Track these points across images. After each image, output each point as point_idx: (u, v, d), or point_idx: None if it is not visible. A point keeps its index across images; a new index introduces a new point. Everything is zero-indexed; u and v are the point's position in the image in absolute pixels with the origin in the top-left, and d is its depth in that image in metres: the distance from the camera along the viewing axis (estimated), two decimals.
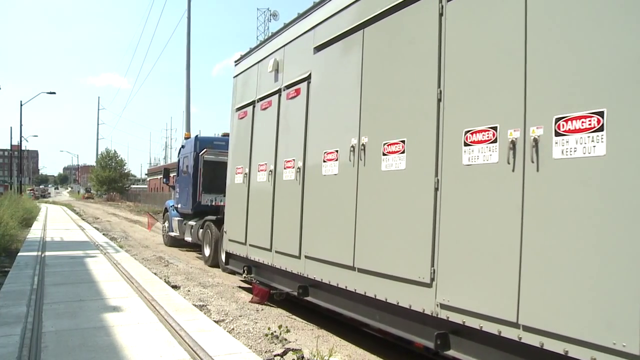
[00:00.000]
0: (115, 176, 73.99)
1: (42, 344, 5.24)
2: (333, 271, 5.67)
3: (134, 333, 5.70)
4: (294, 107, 6.87)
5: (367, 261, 5.09)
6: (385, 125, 4.97)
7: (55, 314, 6.54)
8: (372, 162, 5.08)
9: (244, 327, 6.45)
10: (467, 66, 4.08)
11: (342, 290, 5.52)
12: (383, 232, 4.88)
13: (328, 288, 5.87)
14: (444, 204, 4.20)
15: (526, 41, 3.57)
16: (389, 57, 5.02)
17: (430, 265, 4.28)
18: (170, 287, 8.85)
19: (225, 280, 10.33)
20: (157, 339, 5.53)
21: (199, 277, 10.49)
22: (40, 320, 6.17)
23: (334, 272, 5.64)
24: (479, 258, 3.82)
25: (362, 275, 5.17)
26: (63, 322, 6.12)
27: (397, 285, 4.65)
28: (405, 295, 4.56)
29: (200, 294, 8.61)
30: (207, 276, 10.75)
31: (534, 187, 3.46)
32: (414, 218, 4.50)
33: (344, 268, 5.46)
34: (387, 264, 4.79)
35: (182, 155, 15.63)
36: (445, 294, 4.12)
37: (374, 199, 5.04)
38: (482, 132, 3.86)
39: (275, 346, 5.69)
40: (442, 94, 4.30)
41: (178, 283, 9.59)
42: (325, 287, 5.95)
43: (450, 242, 4.11)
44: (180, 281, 9.86)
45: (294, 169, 6.67)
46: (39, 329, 5.81)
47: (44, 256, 12.32)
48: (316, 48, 6.35)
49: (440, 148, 4.28)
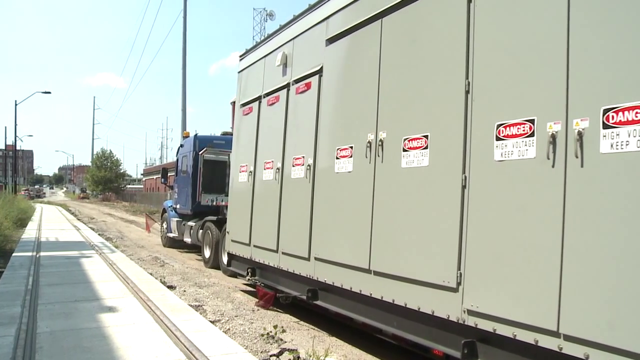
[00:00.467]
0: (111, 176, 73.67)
1: (36, 345, 5.15)
2: (346, 274, 5.37)
3: (129, 333, 5.64)
4: (303, 102, 6.58)
5: (384, 264, 4.80)
6: (406, 120, 4.69)
7: (50, 314, 6.44)
8: (391, 159, 4.79)
9: (240, 327, 6.41)
10: (500, 54, 3.80)
11: (356, 295, 5.23)
12: (403, 233, 4.59)
13: (340, 292, 5.57)
14: (473, 203, 3.92)
15: (569, 24, 3.29)
16: (410, 48, 4.74)
17: (456, 268, 3.99)
18: (166, 287, 8.80)
19: (221, 280, 10.26)
20: (152, 339, 5.48)
21: (195, 278, 10.43)
22: (34, 321, 6.05)
23: (347, 275, 5.35)
24: (513, 261, 3.53)
25: (378, 279, 4.88)
26: (58, 323, 6.02)
27: (419, 289, 4.36)
28: (428, 301, 4.27)
29: (196, 294, 8.57)
30: (203, 276, 10.68)
31: (577, 184, 3.18)
32: (438, 218, 4.22)
33: (358, 271, 5.16)
34: (407, 267, 4.50)
35: (180, 155, 15.30)
36: (474, 300, 3.83)
37: (393, 197, 4.75)
38: (517, 125, 3.58)
39: (271, 346, 5.65)
40: (470, 85, 4.02)
41: (174, 283, 9.54)
42: (336, 291, 5.66)
43: (480, 244, 3.83)
44: (176, 281, 9.81)
45: (303, 167, 6.38)
46: (34, 329, 5.69)
47: (39, 256, 12.14)
48: (329, 40, 6.07)
49: (469, 143, 3.99)
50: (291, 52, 7.08)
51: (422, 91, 4.53)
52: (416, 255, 4.41)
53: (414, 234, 4.45)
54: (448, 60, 4.25)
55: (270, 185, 7.25)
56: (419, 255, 4.37)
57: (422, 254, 4.34)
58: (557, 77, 3.34)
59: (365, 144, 5.14)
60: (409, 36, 4.77)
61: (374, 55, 5.17)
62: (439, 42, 4.40)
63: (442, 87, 4.31)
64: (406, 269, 4.50)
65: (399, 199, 4.66)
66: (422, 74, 4.55)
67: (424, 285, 4.30)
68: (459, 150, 4.05)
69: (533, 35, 3.56)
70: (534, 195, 3.44)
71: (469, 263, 3.91)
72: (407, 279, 4.48)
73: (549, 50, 3.42)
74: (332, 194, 5.74)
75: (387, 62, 5.02)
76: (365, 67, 5.34)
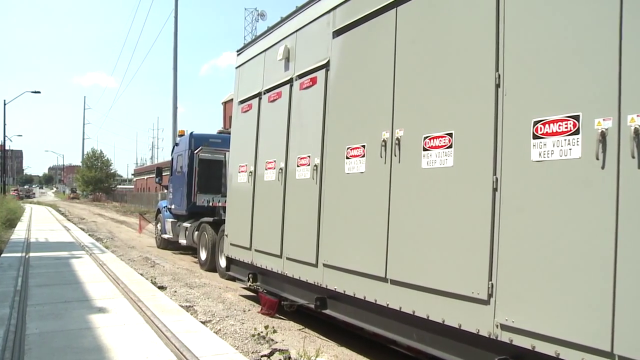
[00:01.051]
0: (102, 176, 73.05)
1: (25, 346, 5.10)
2: (359, 282, 5.01)
3: (120, 334, 5.61)
4: (308, 98, 6.20)
5: (403, 272, 4.44)
6: (426, 117, 4.33)
7: (39, 315, 6.38)
8: (410, 159, 4.43)
9: (231, 327, 6.39)
10: (536, 42, 3.44)
11: (370, 304, 4.87)
12: (425, 239, 4.23)
13: (352, 301, 5.21)
14: (506, 207, 3.56)
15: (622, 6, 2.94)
16: (429, 38, 4.38)
17: (487, 278, 3.64)
18: (157, 287, 8.75)
19: (212, 281, 10.15)
20: (143, 340, 5.45)
21: (186, 278, 10.35)
22: (23, 322, 6.00)
23: (360, 284, 4.99)
24: (556, 271, 3.19)
25: (396, 288, 4.52)
26: (47, 324, 5.97)
27: (443, 301, 4.01)
28: (454, 313, 3.92)
29: (186, 294, 8.53)
30: (193, 277, 10.60)
31: (633, 187, 2.84)
32: (465, 223, 3.86)
33: (373, 279, 4.80)
34: (430, 277, 4.14)
35: (175, 154, 14.84)
36: (508, 313, 3.49)
37: (413, 200, 4.39)
38: (559, 122, 3.23)
39: (262, 347, 5.63)
40: (501, 78, 3.66)
41: (164, 284, 9.47)
42: (347, 300, 5.29)
43: (515, 251, 3.48)
44: (166, 282, 9.73)
45: (309, 167, 6.00)
46: (22, 330, 5.64)
47: (28, 257, 11.99)
48: (336, 32, 5.69)
49: (500, 142, 3.64)
50: (294, 46, 6.70)
51: (445, 85, 4.17)
52: (440, 264, 4.05)
53: (438, 241, 4.09)
54: (474, 50, 3.90)
55: (273, 186, 6.86)
56: (444, 264, 4.02)
57: (447, 263, 3.99)
58: (606, 67, 2.99)
59: (379, 143, 4.77)
60: (427, 25, 4.41)
61: (387, 48, 4.80)
62: (462, 30, 4.04)
63: (467, 81, 3.95)
64: (429, 279, 4.15)
65: (420, 202, 4.30)
66: (444, 66, 4.19)
67: (450, 296, 3.95)
68: (489, 149, 3.70)
69: (576, 19, 3.21)
70: (581, 198, 3.09)
71: (501, 273, 3.56)
72: (430, 289, 4.13)
73: (596, 38, 3.08)
74: (342, 196, 5.37)
75: (403, 54, 4.66)
76: (378, 60, 4.97)
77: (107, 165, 76.20)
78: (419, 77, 4.45)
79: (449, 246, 3.98)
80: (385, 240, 4.64)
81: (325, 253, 5.58)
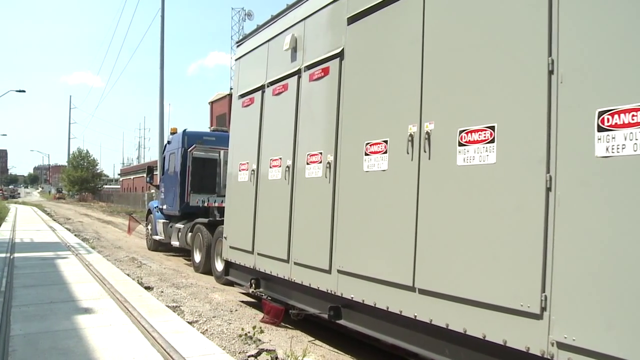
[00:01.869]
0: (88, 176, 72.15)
1: (9, 348, 5.03)
2: (380, 291, 4.56)
3: (106, 335, 5.55)
4: (319, 90, 5.73)
5: (435, 281, 3.99)
6: (462, 108, 3.88)
7: (24, 316, 6.29)
8: (442, 155, 3.98)
9: (218, 327, 6.37)
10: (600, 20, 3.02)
11: (394, 315, 4.42)
12: (461, 245, 3.78)
13: (371, 311, 4.76)
14: (564, 209, 3.13)
15: None
16: (463, 20, 3.94)
17: (540, 289, 3.21)
18: (144, 288, 8.72)
19: (198, 281, 10.07)
20: (130, 340, 5.41)
21: (173, 278, 10.28)
22: (8, 324, 5.91)
23: (382, 292, 4.54)
24: (631, 282, 2.76)
25: (426, 299, 4.07)
26: (32, 325, 5.88)
27: (484, 314, 3.57)
28: (498, 328, 3.48)
29: (173, 295, 8.47)
30: (180, 277, 10.53)
31: None
32: (511, 227, 3.43)
33: (397, 288, 4.36)
34: (467, 287, 3.70)
35: (168, 152, 14.24)
36: (567, 330, 3.05)
37: (446, 201, 3.94)
38: (632, 111, 2.81)
39: (249, 347, 5.60)
40: (555, 63, 3.23)
41: (151, 284, 9.39)
42: (366, 310, 4.84)
43: (575, 260, 3.04)
44: (153, 282, 9.65)
45: (320, 165, 5.54)
46: (7, 332, 5.56)
47: (13, 258, 11.75)
48: (351, 18, 5.23)
49: (554, 135, 3.21)
50: (302, 35, 6.22)
51: (485, 73, 3.73)
52: (480, 273, 3.61)
53: (477, 247, 3.65)
54: (521, 33, 3.47)
55: (278, 185, 6.39)
56: (485, 273, 3.57)
57: (489, 272, 3.54)
58: None
59: (405, 138, 4.32)
60: (462, 5, 3.96)
61: (414, 32, 4.35)
62: (505, 9, 3.61)
63: (513, 68, 3.51)
64: (466, 289, 3.70)
65: (455, 203, 3.85)
66: (484, 51, 3.75)
67: (493, 309, 3.51)
68: (541, 144, 3.26)
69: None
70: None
71: (558, 284, 3.13)
72: (468, 300, 3.69)
73: None
74: (360, 196, 4.92)
75: (433, 39, 4.21)
76: (402, 46, 4.52)
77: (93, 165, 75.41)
78: (452, 64, 4.00)
79: (492, 253, 3.55)
80: (412, 245, 4.19)
81: (340, 258, 5.13)
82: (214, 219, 11.51)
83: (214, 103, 46.00)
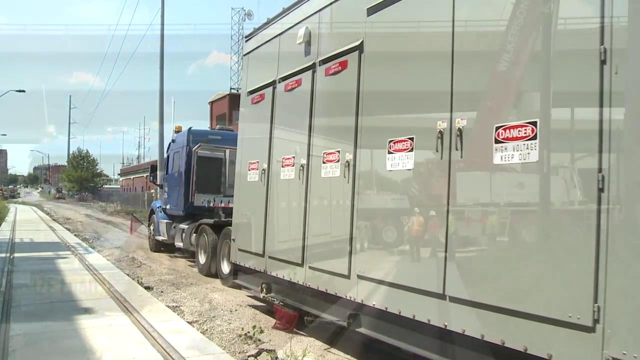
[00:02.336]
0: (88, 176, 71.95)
1: (9, 348, 5.03)
2: (405, 298, 4.28)
3: (106, 335, 5.56)
4: (336, 86, 5.46)
5: (468, 289, 3.71)
6: (499, 103, 3.62)
7: (24, 316, 6.32)
8: (477, 153, 3.71)
9: (218, 327, 6.37)
10: None
11: (421, 324, 4.14)
12: (498, 250, 3.51)
13: (394, 319, 4.47)
14: (616, 210, 2.86)
15: None
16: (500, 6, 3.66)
17: (592, 300, 2.93)
18: (143, 288, 8.69)
19: (198, 281, 9.99)
20: (129, 340, 5.42)
21: (172, 279, 10.21)
22: (7, 323, 5.92)
23: (407, 300, 4.26)
24: None
25: (457, 307, 3.80)
26: (32, 325, 5.88)
27: (525, 324, 3.29)
28: (541, 341, 3.20)
29: (173, 295, 8.45)
30: (180, 277, 10.47)
31: None
32: (556, 229, 3.16)
33: (425, 295, 4.08)
34: (506, 295, 3.42)
35: (172, 151, 13.93)
36: (625, 345, 2.78)
37: (482, 201, 3.67)
38: None
39: (249, 347, 5.59)
40: (607, 53, 2.96)
41: (151, 284, 9.33)
42: (389, 318, 4.55)
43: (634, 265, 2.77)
44: (153, 282, 9.59)
45: (338, 163, 5.26)
46: (7, 332, 5.57)
47: (13, 258, 11.73)
48: (372, 8, 4.94)
49: (606, 132, 2.93)
50: (317, 27, 5.94)
51: (524, 65, 3.46)
52: (521, 280, 3.34)
53: (517, 252, 3.38)
54: None
55: (292, 185, 6.11)
56: (526, 281, 3.30)
57: (531, 279, 3.27)
58: None
59: (434, 135, 4.04)
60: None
61: (444, 20, 4.07)
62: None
63: (556, 58, 3.24)
64: (504, 298, 3.43)
65: (492, 204, 3.58)
66: (522, 41, 3.48)
67: (536, 319, 3.23)
68: (591, 141, 2.99)
69: None
70: None
71: (613, 293, 2.85)
72: (506, 309, 3.41)
73: None
74: (383, 197, 4.65)
75: (462, 28, 3.93)
76: (429, 37, 4.25)
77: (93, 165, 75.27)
78: (487, 54, 3.73)
79: (534, 259, 3.27)
80: (443, 250, 3.91)
81: (361, 263, 4.85)
82: (219, 219, 11.23)
83: (213, 103, 45.75)
